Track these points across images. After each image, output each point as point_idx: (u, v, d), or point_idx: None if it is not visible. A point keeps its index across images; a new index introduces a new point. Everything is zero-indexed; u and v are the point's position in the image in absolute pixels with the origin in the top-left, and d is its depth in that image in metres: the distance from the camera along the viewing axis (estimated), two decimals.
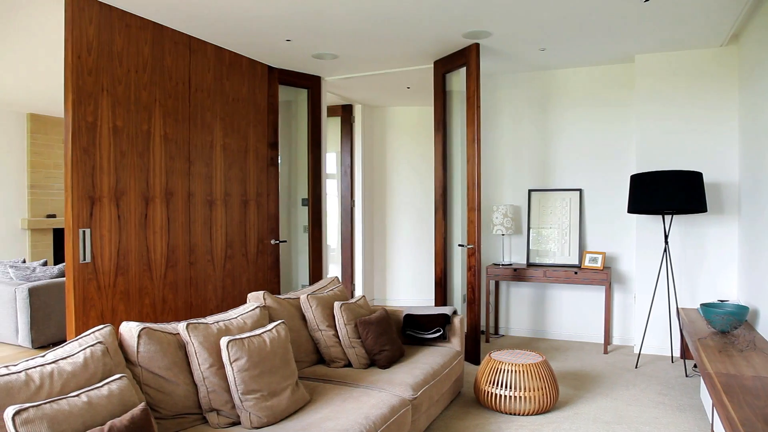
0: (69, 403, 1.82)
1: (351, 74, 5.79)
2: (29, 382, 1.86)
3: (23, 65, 5.36)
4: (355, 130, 7.41)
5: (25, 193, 8.17)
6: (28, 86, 6.32)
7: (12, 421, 1.67)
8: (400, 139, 7.59)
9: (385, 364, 3.37)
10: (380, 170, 7.65)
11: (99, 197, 3.69)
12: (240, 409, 2.47)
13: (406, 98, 7.03)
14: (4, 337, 5.59)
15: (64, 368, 1.98)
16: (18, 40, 4.55)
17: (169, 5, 3.79)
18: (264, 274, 5.27)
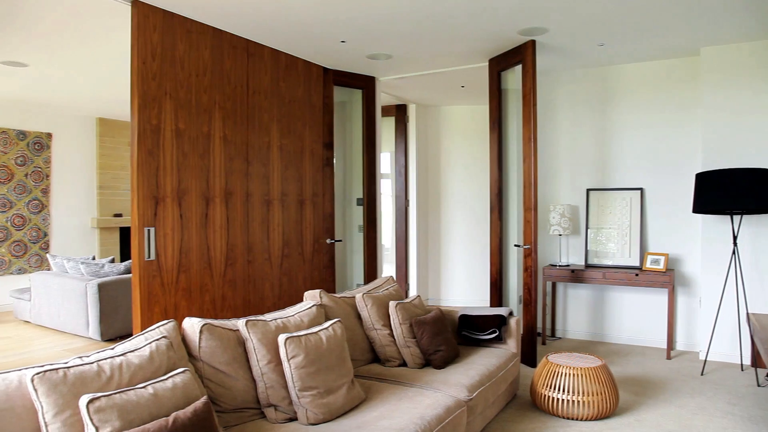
0: (137, 394, 1.90)
1: (405, 74, 5.79)
2: (101, 373, 1.95)
3: (93, 72, 5.62)
4: (409, 130, 7.41)
5: (94, 194, 8.57)
6: (97, 92, 6.63)
7: (86, 408, 1.76)
8: (455, 138, 7.54)
9: (440, 365, 3.36)
10: (434, 170, 7.62)
11: (162, 197, 3.83)
12: (297, 405, 2.51)
13: (460, 97, 6.98)
14: (76, 329, 5.88)
15: (132, 361, 2.07)
16: (88, 49, 4.77)
17: (229, 11, 3.90)
18: (319, 273, 5.34)
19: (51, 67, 5.43)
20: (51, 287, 6.16)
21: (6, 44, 4.66)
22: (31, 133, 7.81)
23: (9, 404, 1.79)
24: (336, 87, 5.63)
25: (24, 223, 7.74)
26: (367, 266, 5.84)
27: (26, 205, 7.76)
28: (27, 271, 7.78)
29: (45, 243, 7.99)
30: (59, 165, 8.15)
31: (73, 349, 5.47)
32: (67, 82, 6.13)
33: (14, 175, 7.64)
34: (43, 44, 4.66)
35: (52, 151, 8.05)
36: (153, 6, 3.75)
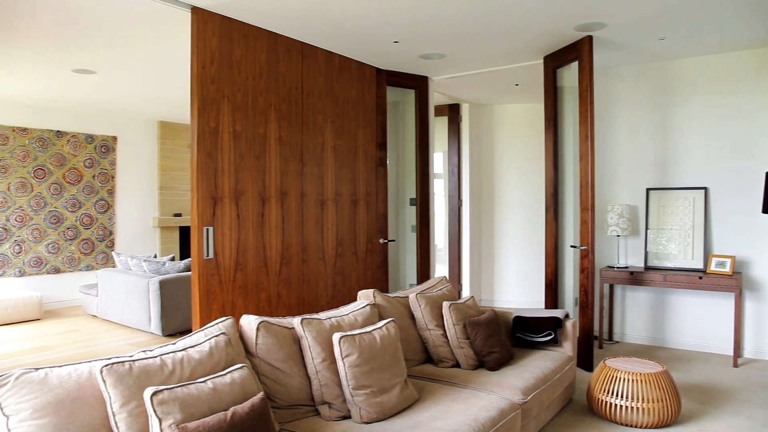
0: (197, 388, 1.96)
1: (458, 73, 5.76)
2: (163, 367, 2.03)
3: (155, 77, 5.83)
4: (462, 130, 7.36)
5: (155, 194, 8.89)
6: (158, 96, 6.88)
7: (150, 400, 1.83)
8: (508, 137, 7.44)
9: (494, 366, 3.32)
10: (488, 169, 7.54)
11: (221, 197, 3.94)
12: (351, 403, 2.54)
13: (514, 96, 6.88)
14: (139, 324, 6.12)
15: (193, 356, 2.14)
16: (150, 55, 4.95)
17: (284, 14, 3.97)
18: (373, 273, 5.37)
19: (116, 73, 5.66)
20: (116, 283, 6.43)
21: (76, 53, 4.89)
22: (98, 137, 8.17)
23: (80, 393, 1.88)
24: (389, 87, 5.64)
25: (91, 223, 8.11)
26: (420, 266, 5.83)
27: (93, 205, 8.13)
28: (94, 268, 8.15)
29: (110, 241, 8.34)
30: (123, 167, 8.50)
31: (136, 343, 5.69)
32: (131, 88, 6.38)
33: (83, 177, 8.01)
34: (109, 52, 4.87)
35: (117, 154, 8.41)
36: (211, 12, 3.86)
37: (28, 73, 5.68)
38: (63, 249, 7.82)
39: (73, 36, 4.42)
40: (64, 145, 7.82)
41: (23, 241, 7.43)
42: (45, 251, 7.64)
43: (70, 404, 1.85)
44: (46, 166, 7.65)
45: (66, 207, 7.84)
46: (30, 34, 4.39)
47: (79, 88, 6.41)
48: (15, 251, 7.36)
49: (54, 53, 4.93)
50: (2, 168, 7.24)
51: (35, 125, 7.56)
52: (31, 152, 7.50)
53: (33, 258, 7.52)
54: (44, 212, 7.63)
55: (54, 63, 5.28)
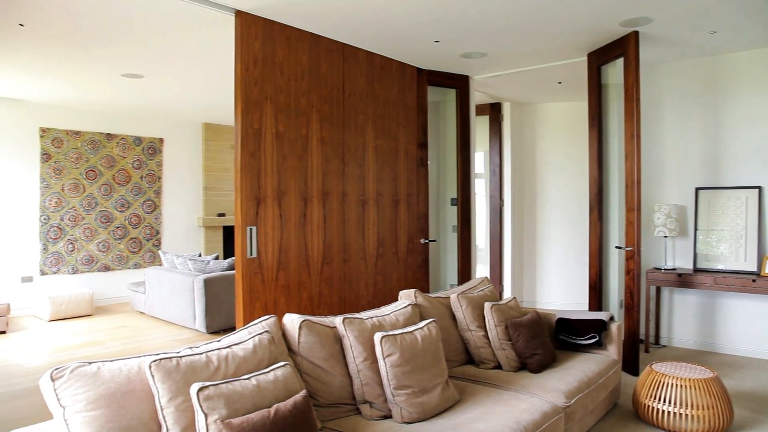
0: (241, 384, 2.00)
1: (500, 72, 5.70)
2: (209, 363, 2.07)
3: (199, 80, 5.96)
4: (503, 129, 7.28)
5: (200, 194, 9.10)
6: (203, 98, 7.03)
7: (197, 395, 1.87)
8: (551, 136, 7.32)
9: (537, 369, 3.27)
10: (530, 169, 7.44)
11: (264, 197, 4.00)
12: (392, 403, 2.54)
13: (557, 94, 6.77)
14: (184, 321, 6.27)
15: (237, 353, 2.18)
16: (195, 59, 5.07)
17: (325, 16, 4.00)
18: (413, 273, 5.37)
19: (162, 77, 5.82)
20: (162, 281, 6.61)
21: (125, 58, 5.05)
22: (145, 139, 8.41)
23: (130, 387, 1.94)
24: (430, 87, 5.63)
25: (139, 222, 8.36)
26: (461, 266, 5.79)
27: (141, 205, 8.37)
28: (142, 266, 8.39)
29: (157, 240, 8.58)
30: (170, 168, 8.73)
31: (181, 340, 5.84)
32: (177, 91, 6.55)
33: (131, 178, 8.26)
34: (155, 56, 5.00)
35: (163, 155, 8.64)
36: (254, 15, 3.93)
37: (80, 78, 5.89)
38: (112, 247, 8.08)
39: (122, 42, 4.56)
40: (113, 147, 8.08)
41: (76, 239, 7.71)
42: (96, 250, 7.91)
43: (120, 397, 1.91)
44: (97, 167, 7.91)
45: (115, 207, 8.10)
46: (82, 42, 4.55)
47: (127, 92, 6.61)
48: (68, 249, 7.64)
49: (104, 59, 5.10)
50: (57, 170, 7.53)
51: (87, 128, 7.84)
52: (84, 154, 7.78)
53: (85, 256, 7.80)
54: (95, 212, 7.89)
55: (104, 68, 5.46)
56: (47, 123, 7.47)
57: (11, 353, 5.39)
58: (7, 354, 5.36)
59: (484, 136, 7.47)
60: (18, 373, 4.76)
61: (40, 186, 7.41)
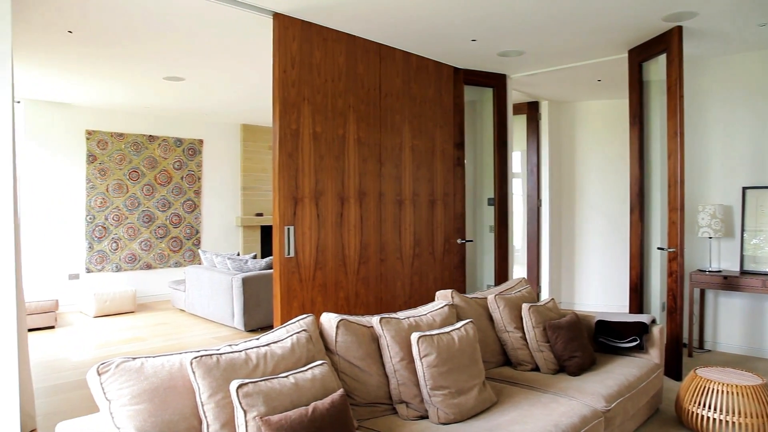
0: (279, 382, 2.02)
1: (537, 70, 5.62)
2: (248, 361, 2.10)
3: (238, 82, 6.06)
4: (541, 128, 7.18)
5: (238, 195, 9.25)
6: (241, 100, 7.15)
7: (236, 392, 1.90)
8: (590, 135, 7.19)
9: (575, 371, 3.22)
10: (568, 168, 7.32)
11: (301, 197, 4.05)
12: (428, 403, 2.53)
13: (596, 92, 6.65)
14: (223, 319, 6.38)
15: (275, 351, 2.20)
16: (233, 61, 5.15)
17: (362, 16, 4.02)
18: (450, 273, 5.35)
19: (202, 79, 5.94)
20: (202, 280, 6.74)
21: (167, 62, 5.17)
22: (186, 140, 8.60)
23: (172, 383, 1.99)
24: (466, 86, 5.59)
25: (180, 222, 8.54)
26: (498, 267, 5.74)
27: (182, 205, 8.55)
28: (182, 265, 8.57)
29: (197, 239, 8.75)
30: (209, 168, 8.90)
31: (220, 337, 5.94)
32: (216, 93, 6.67)
33: (172, 179, 8.46)
34: (196, 59, 5.11)
35: (203, 156, 8.81)
36: (292, 17, 3.97)
37: (124, 82, 6.06)
38: (154, 246, 8.28)
39: (164, 46, 4.67)
40: (155, 149, 8.28)
41: (119, 238, 7.93)
42: (138, 248, 8.12)
43: (163, 392, 1.95)
44: (140, 168, 8.12)
45: (157, 207, 8.30)
46: (126, 47, 4.68)
47: (169, 95, 6.77)
48: (112, 248, 7.86)
49: (147, 63, 5.24)
50: (101, 171, 7.76)
51: (130, 130, 8.05)
52: (127, 156, 8.00)
53: (128, 254, 8.01)
54: (138, 212, 8.10)
55: (147, 72, 5.60)
56: (93, 126, 7.71)
57: (59, 348, 5.58)
58: (56, 348, 5.55)
59: (521, 135, 7.39)
60: (65, 367, 4.92)
61: (86, 186, 7.64)
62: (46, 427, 3.58)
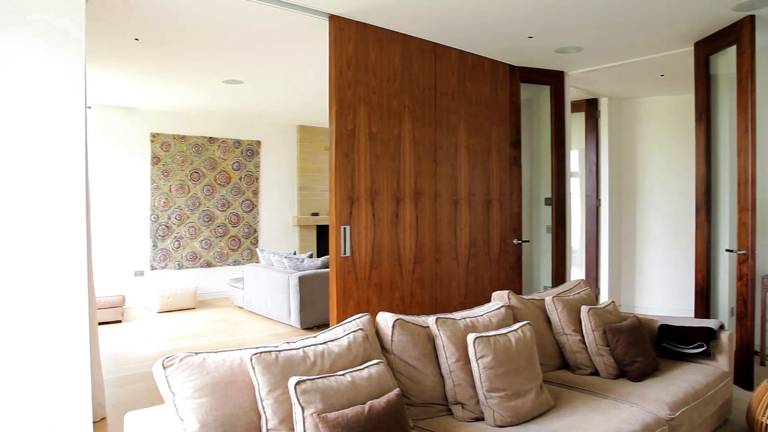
0: (336, 380, 2.05)
1: (597, 66, 5.48)
2: (305, 358, 2.14)
3: (294, 84, 6.17)
4: (600, 125, 6.99)
5: (295, 195, 9.42)
6: (297, 101, 7.27)
7: (294, 389, 1.93)
8: (653, 132, 6.94)
9: (637, 377, 3.11)
10: (629, 167, 7.10)
11: (357, 197, 4.08)
12: (484, 405, 2.51)
13: (658, 87, 6.41)
14: (280, 317, 6.50)
15: (332, 349, 2.23)
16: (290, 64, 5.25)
17: (417, 16, 4.02)
18: (506, 274, 5.28)
19: (260, 82, 6.07)
20: (259, 278, 6.89)
21: (227, 66, 5.31)
22: (244, 142, 8.82)
23: (233, 378, 2.04)
24: (523, 84, 5.50)
25: (238, 221, 8.77)
26: (555, 268, 5.62)
27: (240, 204, 8.78)
28: (240, 263, 8.80)
29: (255, 238, 8.96)
30: (266, 169, 9.10)
31: (277, 335, 6.06)
32: (273, 95, 6.81)
33: (231, 179, 8.69)
34: (254, 63, 5.23)
35: (260, 157, 9.01)
36: (347, 19, 4.01)
37: (186, 86, 6.27)
38: (214, 245, 8.52)
39: (224, 50, 4.80)
40: (215, 150, 8.53)
41: (181, 237, 8.21)
42: (199, 247, 8.38)
43: (223, 387, 2.01)
44: (201, 169, 8.38)
45: (216, 207, 8.54)
46: (188, 52, 4.84)
47: (228, 98, 6.96)
48: (175, 246, 8.15)
49: (208, 67, 5.40)
50: (165, 172, 8.05)
51: (191, 132, 8.32)
52: (188, 157, 8.27)
53: (189, 253, 8.29)
54: (199, 211, 8.37)
55: (207, 76, 5.78)
56: (157, 128, 8.01)
57: (125, 341, 5.83)
58: (122, 342, 5.80)
59: (579, 134, 7.21)
60: (131, 359, 5.13)
61: (150, 187, 7.95)
62: (114, 416, 3.75)
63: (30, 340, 2.84)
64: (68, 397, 2.93)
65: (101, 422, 3.63)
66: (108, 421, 3.67)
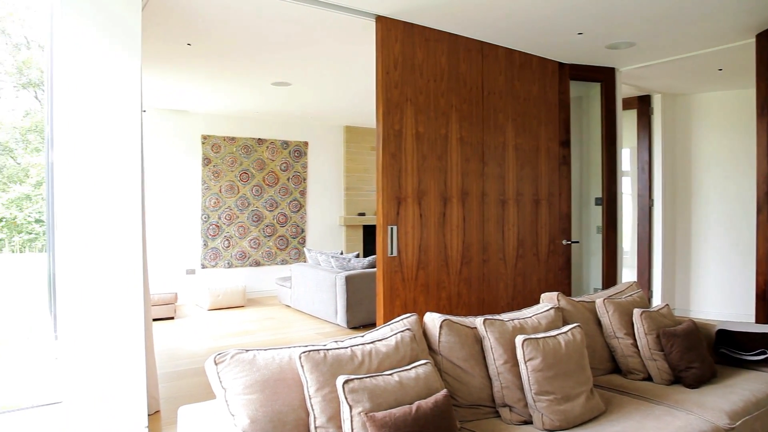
0: (384, 380, 2.05)
1: (650, 62, 5.31)
2: (353, 357, 2.15)
3: (340, 85, 6.22)
4: (653, 123, 6.79)
5: (341, 195, 9.49)
6: (344, 102, 7.33)
7: (342, 387, 1.95)
8: (710, 128, 6.69)
9: (693, 383, 3.00)
10: (684, 165, 6.86)
11: (404, 197, 4.08)
12: (532, 408, 2.47)
13: (716, 82, 6.18)
14: (327, 316, 6.57)
15: (380, 349, 2.24)
16: (337, 65, 5.30)
17: (464, 15, 3.99)
18: (554, 275, 5.18)
19: (307, 83, 6.15)
20: (307, 277, 6.98)
21: (275, 68, 5.41)
22: (292, 143, 8.95)
23: (282, 375, 2.08)
24: (572, 82, 5.39)
25: (286, 221, 8.91)
26: (606, 270, 5.49)
27: (288, 204, 8.91)
28: (288, 263, 8.93)
29: (302, 238, 9.08)
30: (313, 169, 9.21)
31: (324, 333, 6.13)
32: (320, 96, 6.88)
33: (279, 180, 8.83)
34: (302, 64, 5.30)
35: (308, 158, 9.13)
36: (394, 19, 4.01)
37: (236, 89, 6.42)
38: (262, 244, 8.68)
39: (273, 53, 4.89)
40: (263, 151, 8.69)
41: (231, 236, 8.39)
42: (248, 246, 8.55)
43: (273, 384, 2.04)
44: (249, 170, 8.56)
45: (265, 207, 8.70)
46: (238, 56, 4.94)
47: (276, 99, 7.08)
48: (224, 246, 8.34)
49: (257, 70, 5.51)
50: (215, 173, 8.25)
51: (241, 134, 8.51)
52: (238, 158, 8.45)
53: (238, 252, 8.47)
54: (248, 211, 8.54)
55: (256, 78, 5.89)
56: (208, 131, 8.22)
57: (177, 337, 6.00)
58: (174, 338, 5.98)
59: (631, 132, 7.02)
60: (183, 355, 5.28)
61: (201, 188, 8.16)
62: (167, 409, 3.87)
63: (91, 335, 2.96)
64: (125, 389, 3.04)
65: (155, 415, 3.75)
66: (161, 414, 3.79)
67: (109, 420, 2.99)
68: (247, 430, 1.93)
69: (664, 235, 6.75)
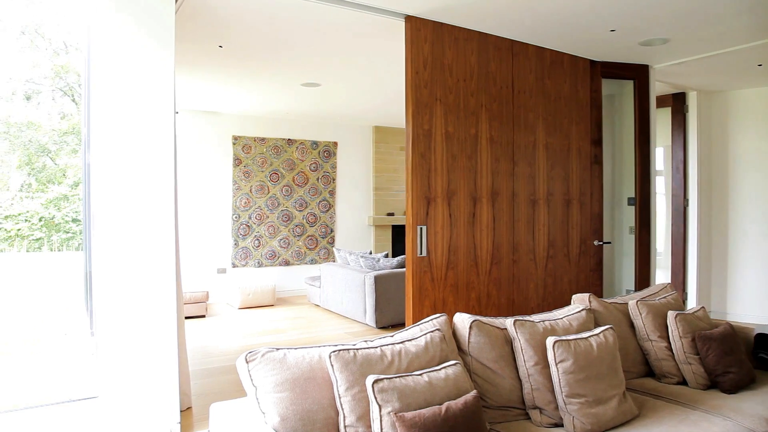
0: (414, 380, 2.05)
1: (685, 58, 5.19)
2: (383, 357, 2.16)
3: (370, 85, 6.23)
4: (688, 121, 6.63)
5: (370, 195, 9.51)
6: (373, 102, 7.34)
7: (372, 387, 1.96)
8: (748, 126, 6.51)
9: (730, 389, 2.93)
10: (720, 164, 6.69)
11: (434, 197, 4.07)
12: (563, 411, 2.44)
13: (755, 78, 6.01)
14: (355, 315, 6.59)
15: (409, 349, 2.24)
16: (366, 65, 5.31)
17: (494, 13, 3.96)
18: (586, 276, 5.11)
19: (337, 84, 6.18)
20: (336, 277, 7.01)
21: (305, 69, 5.45)
22: (321, 143, 9.00)
23: (312, 374, 2.09)
24: (604, 79, 5.30)
25: (316, 221, 8.96)
26: (639, 271, 5.38)
27: (317, 204, 8.97)
28: (317, 262, 8.99)
29: (331, 238, 9.13)
30: (343, 170, 9.25)
31: (353, 333, 6.15)
32: (350, 96, 6.91)
33: (308, 180, 8.89)
34: (331, 65, 5.33)
35: (337, 158, 9.17)
36: (424, 19, 4.01)
37: (266, 90, 6.48)
38: (292, 244, 8.75)
39: (303, 55, 4.92)
40: (293, 152, 8.76)
41: (261, 236, 8.49)
42: (278, 246, 8.63)
43: (303, 383, 2.06)
44: (279, 170, 8.64)
45: (295, 207, 8.77)
46: (269, 58, 5.00)
47: (306, 100, 7.13)
48: (254, 245, 8.44)
49: (287, 71, 5.55)
50: (246, 173, 8.35)
51: (271, 135, 8.59)
52: (268, 158, 8.54)
53: (268, 251, 8.55)
54: (277, 211, 8.62)
55: (287, 79, 5.94)
56: (238, 131, 8.32)
57: (209, 335, 6.10)
58: (206, 336, 6.07)
59: (665, 130, 6.87)
60: (214, 353, 5.36)
61: (232, 188, 8.27)
62: (199, 405, 3.93)
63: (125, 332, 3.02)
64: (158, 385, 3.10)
65: (187, 411, 3.81)
66: (193, 411, 3.85)
67: (142, 415, 3.06)
68: (278, 427, 1.95)
69: (700, 236, 6.60)
